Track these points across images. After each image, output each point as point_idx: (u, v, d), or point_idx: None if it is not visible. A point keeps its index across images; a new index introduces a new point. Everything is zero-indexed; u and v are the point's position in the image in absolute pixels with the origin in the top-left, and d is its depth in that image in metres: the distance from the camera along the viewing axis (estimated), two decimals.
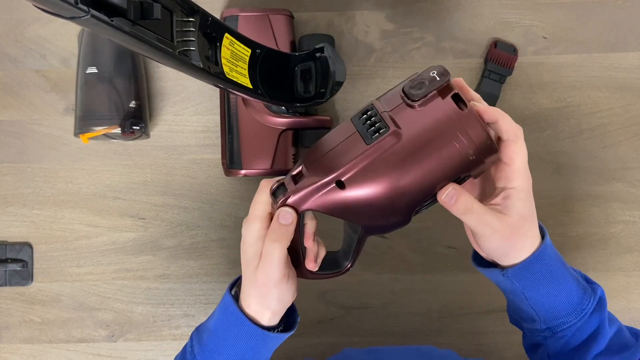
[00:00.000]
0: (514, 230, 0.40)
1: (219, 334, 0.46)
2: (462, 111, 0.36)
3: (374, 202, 0.39)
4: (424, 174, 0.38)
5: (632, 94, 0.70)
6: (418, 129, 0.37)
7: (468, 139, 0.37)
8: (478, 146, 0.37)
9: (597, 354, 0.43)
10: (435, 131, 0.37)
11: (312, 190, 0.39)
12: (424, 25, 0.71)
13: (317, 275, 0.46)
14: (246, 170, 0.67)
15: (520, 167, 0.41)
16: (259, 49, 0.57)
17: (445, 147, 0.37)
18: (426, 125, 0.37)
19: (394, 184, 0.38)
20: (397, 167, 0.38)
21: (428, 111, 0.37)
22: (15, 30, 0.72)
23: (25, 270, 0.71)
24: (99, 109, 0.65)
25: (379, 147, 0.37)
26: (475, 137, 0.37)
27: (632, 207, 0.70)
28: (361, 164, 0.38)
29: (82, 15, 0.32)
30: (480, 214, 0.39)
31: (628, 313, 0.70)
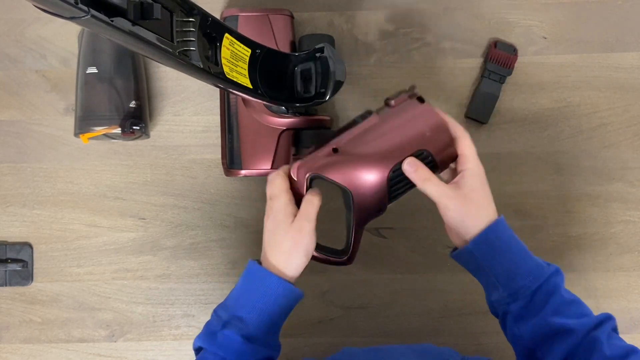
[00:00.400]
0: (466, 199, 0.48)
1: (246, 293, 0.50)
2: (422, 104, 0.51)
3: (359, 162, 0.51)
4: (395, 141, 0.51)
5: (632, 94, 0.70)
6: (392, 114, 0.52)
7: (424, 120, 0.51)
8: (432, 126, 0.51)
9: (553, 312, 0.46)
10: (404, 116, 0.52)
11: (317, 157, 0.51)
12: (424, 25, 0.71)
13: (320, 256, 0.54)
14: (246, 170, 0.67)
15: (470, 154, 0.50)
16: (259, 49, 0.57)
17: (410, 124, 0.51)
18: (398, 112, 0.52)
19: (374, 148, 0.51)
20: (376, 137, 0.51)
21: (400, 106, 0.52)
22: (16, 30, 0.72)
23: (25, 270, 0.71)
24: (99, 109, 0.65)
25: (363, 125, 0.52)
26: (430, 119, 0.51)
27: (632, 207, 0.70)
28: (349, 135, 0.51)
29: (82, 16, 0.32)
30: (438, 184, 0.48)
31: (628, 313, 0.70)
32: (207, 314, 0.71)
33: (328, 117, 0.67)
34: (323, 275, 0.70)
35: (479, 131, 0.71)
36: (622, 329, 0.69)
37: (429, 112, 0.51)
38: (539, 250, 0.69)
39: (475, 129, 0.71)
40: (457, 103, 0.71)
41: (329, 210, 0.58)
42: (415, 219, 0.71)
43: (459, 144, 0.51)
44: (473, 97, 0.70)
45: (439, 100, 0.71)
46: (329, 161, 0.51)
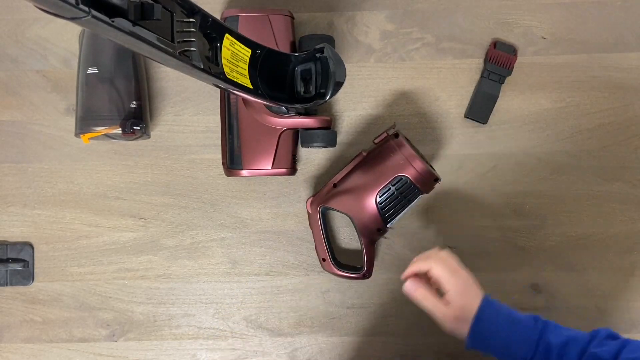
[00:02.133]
0: (457, 315, 0.55)
1: None
2: (396, 138, 0.65)
3: (353, 192, 0.65)
4: (377, 171, 0.64)
5: (632, 94, 0.70)
6: (374, 150, 0.66)
7: (398, 151, 0.64)
8: (405, 155, 0.63)
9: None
10: (382, 149, 0.65)
11: (322, 193, 0.67)
12: (424, 25, 0.71)
13: (339, 272, 0.67)
14: (246, 170, 0.67)
15: (443, 277, 0.56)
16: (259, 49, 0.57)
17: (386, 156, 0.64)
18: (379, 147, 0.66)
19: (362, 179, 0.65)
20: (363, 170, 0.65)
21: (380, 143, 0.66)
22: (16, 31, 0.72)
23: (26, 270, 0.71)
24: (99, 109, 0.65)
25: (354, 162, 0.67)
26: (403, 150, 0.64)
27: (631, 207, 0.70)
28: (344, 172, 0.67)
29: (83, 16, 0.32)
30: (434, 302, 0.56)
31: (628, 313, 0.70)
32: (207, 314, 0.71)
33: (328, 117, 0.68)
34: (323, 275, 0.70)
35: (478, 131, 0.71)
36: (622, 329, 0.69)
37: (401, 144, 0.63)
38: (539, 250, 0.70)
39: (475, 129, 0.71)
40: (457, 103, 0.71)
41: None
42: (415, 219, 0.71)
43: (431, 272, 0.57)
44: (473, 98, 0.70)
45: (438, 101, 0.71)
46: (332, 194, 0.66)
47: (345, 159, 0.71)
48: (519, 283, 0.70)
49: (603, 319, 0.70)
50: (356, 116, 0.71)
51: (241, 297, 0.71)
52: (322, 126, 0.67)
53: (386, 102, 0.71)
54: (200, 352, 0.71)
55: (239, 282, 0.71)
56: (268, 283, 0.71)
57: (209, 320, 0.71)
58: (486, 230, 0.70)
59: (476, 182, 0.71)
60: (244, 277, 0.71)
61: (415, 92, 0.71)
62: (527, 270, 0.70)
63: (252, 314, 0.71)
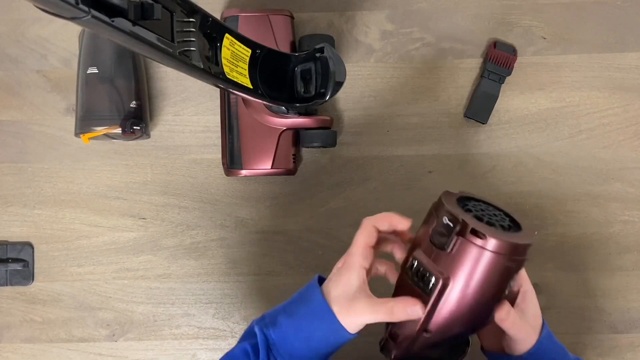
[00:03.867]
0: (527, 324, 0.50)
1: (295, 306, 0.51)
2: (484, 239, 0.42)
3: (453, 331, 0.45)
4: (480, 305, 0.44)
5: (632, 94, 0.70)
6: (461, 271, 0.43)
7: (500, 258, 0.43)
8: (510, 255, 0.43)
9: None
10: (472, 268, 0.43)
11: (408, 338, 0.46)
12: (424, 25, 0.71)
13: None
14: (246, 170, 0.67)
15: (525, 274, 0.52)
16: (259, 49, 0.57)
17: (488, 276, 0.43)
18: (464, 265, 0.43)
19: (464, 323, 0.45)
20: (460, 308, 0.44)
21: (461, 253, 0.43)
22: (16, 31, 0.72)
23: (26, 270, 0.71)
24: (99, 109, 0.65)
25: (437, 295, 0.43)
26: (504, 249, 0.42)
27: (631, 207, 0.70)
28: (432, 312, 0.44)
29: (82, 16, 0.32)
30: (519, 323, 0.48)
31: (627, 313, 0.70)
32: (207, 314, 0.71)
33: (328, 117, 0.68)
34: (323, 274, 0.70)
35: (478, 131, 0.71)
36: (621, 329, 0.70)
37: (497, 244, 0.42)
38: (539, 250, 0.70)
39: (475, 129, 0.71)
40: (457, 103, 0.71)
41: None
42: (415, 219, 0.71)
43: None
44: (472, 97, 0.70)
45: (438, 101, 0.71)
46: (424, 342, 0.46)
47: (345, 159, 0.71)
48: None
49: (603, 319, 0.70)
50: (356, 116, 0.71)
51: (241, 297, 0.71)
52: (322, 126, 0.67)
53: (386, 102, 0.71)
54: (200, 352, 0.71)
55: (239, 282, 0.71)
56: (268, 283, 0.71)
57: (209, 320, 0.71)
58: None
59: (476, 182, 0.71)
60: (244, 277, 0.71)
61: (415, 92, 0.71)
62: (527, 270, 0.70)
63: (252, 314, 0.71)
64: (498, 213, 0.46)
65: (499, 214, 0.46)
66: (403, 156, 0.71)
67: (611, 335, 0.69)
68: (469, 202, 0.47)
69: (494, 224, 0.44)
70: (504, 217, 0.46)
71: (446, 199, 0.46)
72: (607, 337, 0.69)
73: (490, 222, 0.44)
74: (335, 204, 0.71)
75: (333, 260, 0.70)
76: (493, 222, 0.44)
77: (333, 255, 0.70)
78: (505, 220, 0.45)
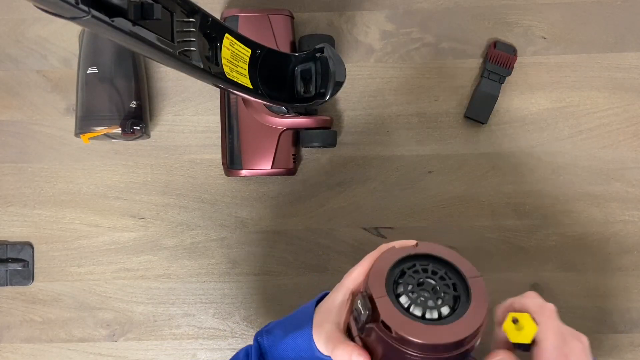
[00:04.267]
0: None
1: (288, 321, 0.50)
2: (392, 335, 0.37)
3: None
4: None
5: (632, 94, 0.70)
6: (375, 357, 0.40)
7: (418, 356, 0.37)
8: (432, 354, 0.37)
9: None
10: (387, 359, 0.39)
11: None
12: (424, 25, 0.71)
13: None
14: (246, 170, 0.67)
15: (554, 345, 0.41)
16: (259, 49, 0.57)
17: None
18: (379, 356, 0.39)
19: None
20: None
21: (373, 342, 0.39)
22: (16, 31, 0.72)
23: (26, 270, 0.71)
24: (99, 109, 0.65)
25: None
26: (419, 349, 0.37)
27: (631, 207, 0.70)
28: None
29: (82, 16, 0.32)
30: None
31: (627, 313, 0.70)
32: (207, 314, 0.71)
33: (328, 117, 0.68)
34: (323, 274, 0.70)
35: (478, 131, 0.71)
36: (621, 329, 0.69)
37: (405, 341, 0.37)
38: (539, 250, 0.70)
39: (475, 129, 0.71)
40: (457, 103, 0.71)
41: None
42: (415, 219, 0.71)
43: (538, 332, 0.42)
44: (472, 97, 0.70)
45: (438, 100, 0.71)
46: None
47: (345, 159, 0.71)
48: (519, 283, 0.70)
49: (603, 319, 0.70)
50: (356, 116, 0.71)
51: (241, 297, 0.71)
52: (322, 126, 0.67)
53: (386, 102, 0.71)
54: (200, 352, 0.71)
55: (239, 282, 0.71)
56: (268, 283, 0.71)
57: (209, 320, 0.71)
58: (486, 230, 0.70)
59: (476, 182, 0.71)
60: (244, 277, 0.71)
61: (415, 92, 0.71)
62: (527, 270, 0.70)
63: (252, 314, 0.71)
64: (443, 286, 0.39)
65: (443, 287, 0.39)
66: (403, 156, 0.71)
67: (611, 335, 0.69)
68: (412, 267, 0.40)
69: (419, 307, 0.38)
70: (446, 293, 0.39)
71: (377, 267, 0.40)
72: (607, 337, 0.69)
73: (417, 303, 0.38)
74: (335, 204, 0.71)
75: (333, 260, 0.71)
76: (419, 305, 0.38)
77: (333, 255, 0.71)
78: (446, 298, 0.38)
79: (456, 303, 0.38)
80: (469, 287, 0.39)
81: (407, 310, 0.38)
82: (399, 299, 0.38)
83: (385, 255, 0.41)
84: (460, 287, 0.39)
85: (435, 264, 0.41)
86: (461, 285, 0.40)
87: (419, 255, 0.41)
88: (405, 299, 0.38)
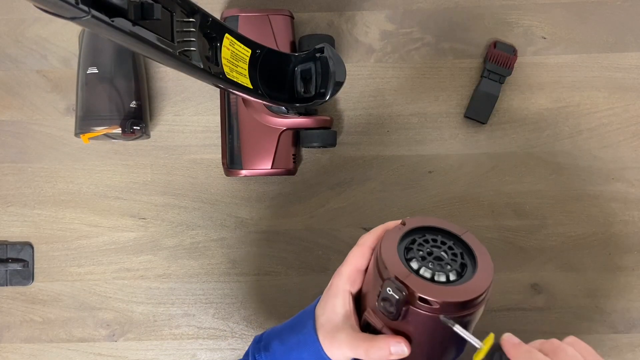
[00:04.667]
0: None
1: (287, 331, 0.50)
2: (433, 307, 0.39)
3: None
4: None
5: (632, 94, 0.70)
6: (415, 337, 0.41)
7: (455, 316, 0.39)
8: (463, 310, 0.40)
9: None
10: (427, 332, 0.41)
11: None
12: (424, 25, 0.71)
13: None
14: (246, 170, 0.67)
15: None
16: (259, 49, 0.57)
17: (446, 335, 0.40)
18: (418, 331, 0.41)
19: None
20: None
21: (411, 321, 0.40)
22: (16, 31, 0.72)
23: (26, 270, 0.71)
24: (99, 109, 0.65)
25: None
26: (455, 309, 0.39)
27: (631, 207, 0.70)
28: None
29: (82, 16, 0.32)
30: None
31: (627, 313, 0.70)
32: (207, 314, 0.71)
33: (328, 117, 0.68)
34: (323, 274, 0.70)
35: (478, 131, 0.71)
36: (621, 329, 0.70)
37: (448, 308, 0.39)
38: (539, 250, 0.70)
39: (475, 129, 0.71)
40: (457, 103, 0.71)
41: None
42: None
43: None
44: (472, 97, 0.70)
45: (438, 100, 0.71)
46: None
47: (345, 159, 0.71)
48: (519, 283, 0.70)
49: (603, 319, 0.70)
50: (356, 116, 0.71)
51: (241, 297, 0.71)
52: (322, 126, 0.67)
53: (386, 102, 0.71)
54: (200, 352, 0.71)
55: (239, 282, 0.71)
56: (268, 283, 0.71)
57: (209, 320, 0.71)
58: (486, 230, 0.70)
59: (476, 182, 0.71)
60: (244, 277, 0.71)
61: (415, 92, 0.71)
62: (527, 270, 0.70)
63: (252, 314, 0.71)
64: (447, 250, 0.43)
65: (447, 251, 0.42)
66: (403, 156, 0.71)
67: (611, 335, 0.69)
68: (414, 242, 0.43)
69: (442, 273, 0.40)
70: (453, 256, 0.42)
71: (386, 251, 0.42)
72: (607, 337, 0.69)
73: (438, 270, 0.41)
74: (335, 204, 0.71)
75: (333, 260, 0.70)
76: (441, 271, 0.41)
77: (333, 255, 0.71)
78: (456, 262, 0.42)
79: (463, 262, 0.42)
80: (468, 245, 0.43)
81: (433, 280, 0.40)
82: (420, 272, 0.41)
83: (386, 239, 0.43)
84: (459, 246, 0.44)
85: (432, 234, 0.44)
86: (459, 245, 0.44)
87: (413, 230, 0.44)
88: (425, 270, 0.41)
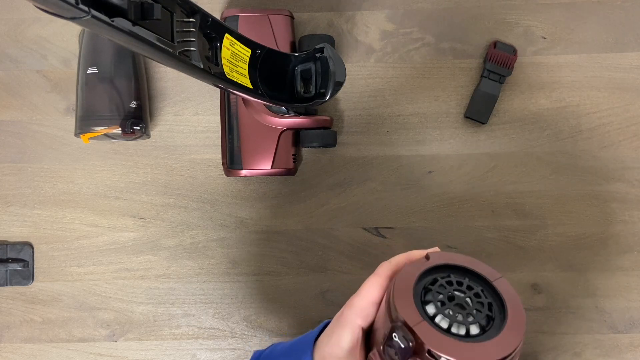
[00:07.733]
0: None
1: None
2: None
3: None
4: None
5: (632, 94, 0.70)
6: None
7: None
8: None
9: None
10: None
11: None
12: (424, 25, 0.71)
13: None
14: (246, 170, 0.67)
15: None
16: (259, 49, 0.57)
17: None
18: None
19: None
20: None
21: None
22: (16, 31, 0.72)
23: (26, 270, 0.71)
24: (99, 109, 0.65)
25: None
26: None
27: (631, 207, 0.70)
28: None
29: (82, 16, 0.32)
30: None
31: (627, 312, 0.70)
32: (207, 314, 0.71)
33: (328, 117, 0.68)
34: (323, 274, 0.70)
35: (478, 131, 0.71)
36: (621, 329, 0.69)
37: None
38: (539, 250, 0.70)
39: (475, 129, 0.71)
40: (457, 103, 0.71)
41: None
42: (415, 219, 0.71)
43: None
44: (472, 97, 0.70)
45: (438, 100, 0.71)
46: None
47: (345, 159, 0.71)
48: (519, 283, 0.70)
49: (603, 319, 0.70)
50: (356, 116, 0.71)
51: (241, 297, 0.71)
52: (321, 126, 0.67)
53: (386, 102, 0.71)
54: (200, 352, 0.71)
55: (239, 282, 0.71)
56: (268, 283, 0.71)
57: (209, 320, 0.71)
58: (486, 230, 0.70)
59: (476, 182, 0.71)
60: (244, 277, 0.71)
61: (415, 92, 0.71)
62: (527, 270, 0.70)
63: (252, 314, 0.71)
64: (473, 297, 0.36)
65: (473, 298, 0.36)
66: (403, 156, 0.71)
67: (611, 335, 0.69)
68: (435, 282, 0.38)
69: (462, 325, 0.35)
70: (479, 306, 0.36)
71: (400, 290, 0.36)
72: (607, 337, 0.70)
73: (457, 321, 0.35)
74: (335, 204, 0.71)
75: (333, 260, 0.71)
76: (461, 323, 0.35)
77: (333, 255, 0.71)
78: (482, 312, 0.36)
79: (490, 315, 0.36)
80: (499, 294, 0.36)
81: (449, 331, 0.35)
82: (435, 320, 0.35)
83: (404, 274, 0.37)
84: (489, 294, 0.37)
85: (458, 275, 0.38)
86: (489, 293, 0.37)
87: (437, 267, 0.38)
88: (442, 319, 0.35)
